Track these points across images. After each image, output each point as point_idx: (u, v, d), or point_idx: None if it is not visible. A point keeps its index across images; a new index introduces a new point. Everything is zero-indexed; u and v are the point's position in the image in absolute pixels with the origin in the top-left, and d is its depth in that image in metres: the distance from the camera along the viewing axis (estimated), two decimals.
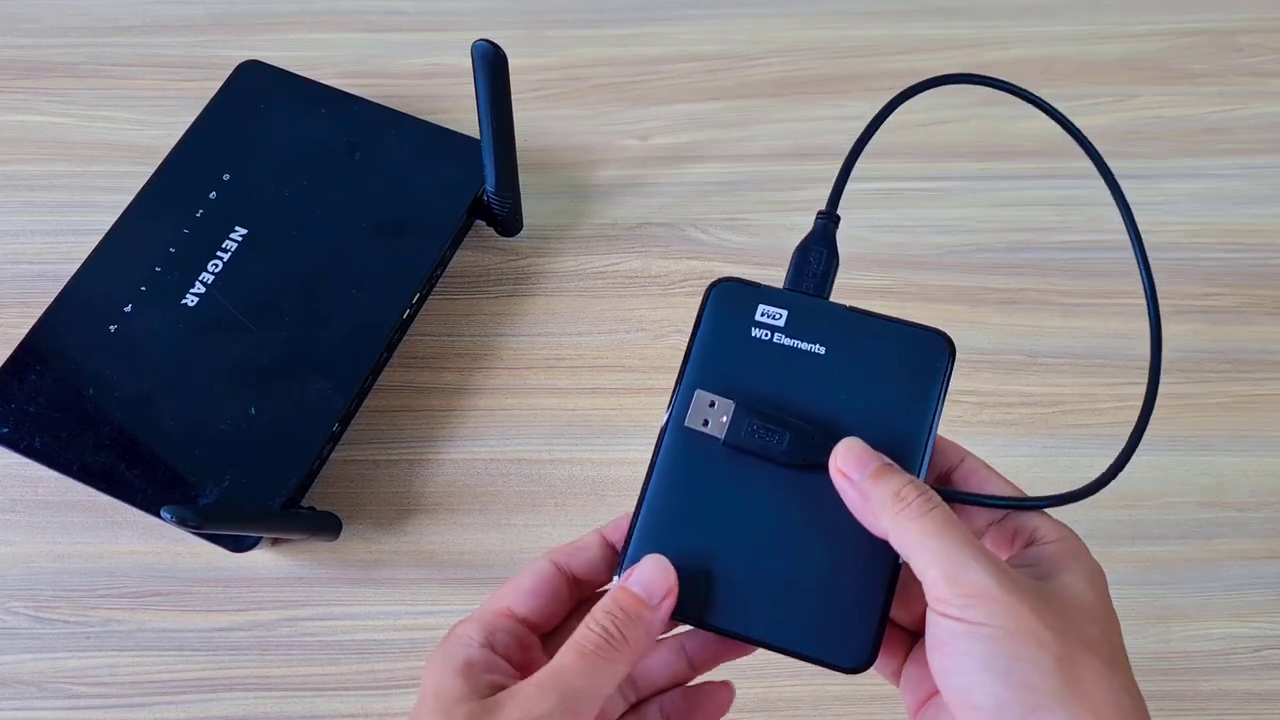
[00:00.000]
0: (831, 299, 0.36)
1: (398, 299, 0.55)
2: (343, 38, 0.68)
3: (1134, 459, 0.53)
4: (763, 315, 0.35)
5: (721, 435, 0.32)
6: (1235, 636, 0.51)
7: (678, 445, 0.34)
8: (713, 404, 0.32)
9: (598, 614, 0.31)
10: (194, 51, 0.67)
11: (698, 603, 0.33)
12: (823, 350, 0.35)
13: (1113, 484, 0.42)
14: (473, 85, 0.49)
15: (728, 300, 0.36)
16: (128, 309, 0.53)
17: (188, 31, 0.68)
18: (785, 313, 0.35)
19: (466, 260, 0.61)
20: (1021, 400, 0.57)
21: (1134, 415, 0.35)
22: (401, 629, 0.51)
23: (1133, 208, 0.39)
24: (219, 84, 0.61)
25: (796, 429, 0.32)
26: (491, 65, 0.47)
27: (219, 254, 0.55)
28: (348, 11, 0.69)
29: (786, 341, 0.35)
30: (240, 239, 0.55)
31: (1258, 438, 0.56)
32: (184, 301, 0.53)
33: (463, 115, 0.63)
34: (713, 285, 0.36)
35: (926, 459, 0.34)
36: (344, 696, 0.50)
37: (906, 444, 0.34)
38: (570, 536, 0.52)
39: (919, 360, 0.35)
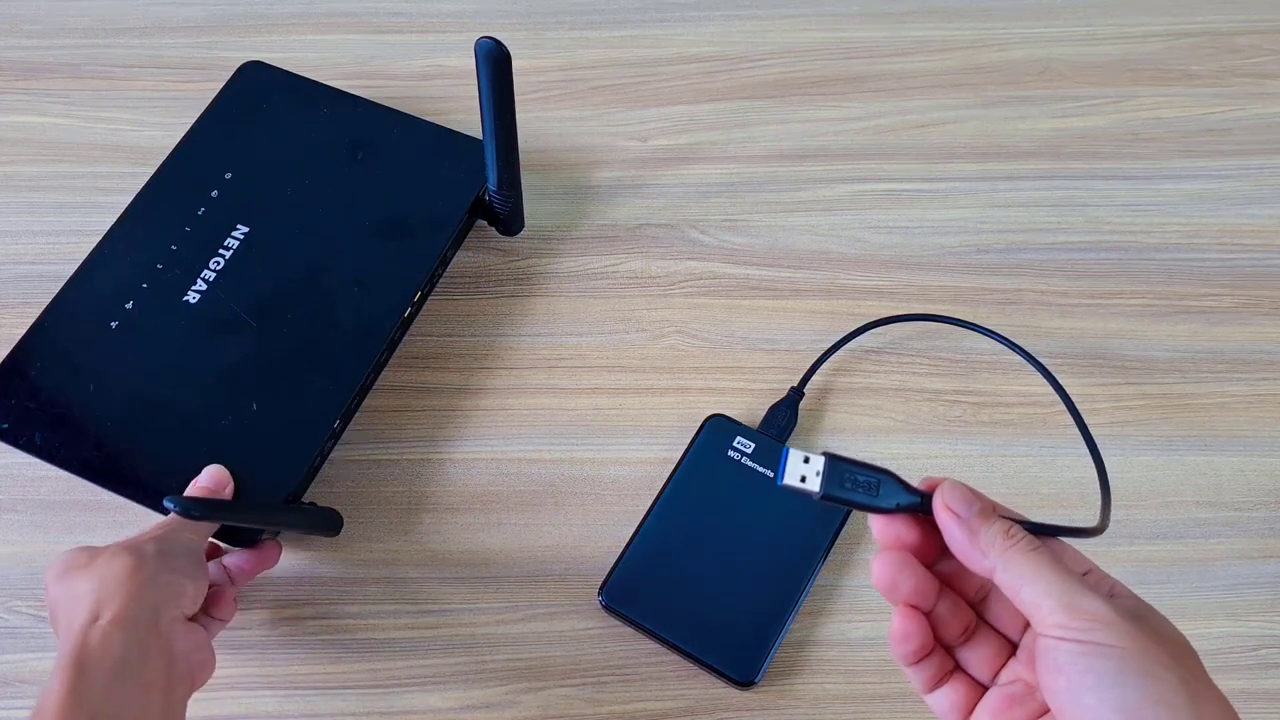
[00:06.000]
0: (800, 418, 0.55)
1: (399, 298, 0.55)
2: (344, 39, 0.69)
3: (1132, 459, 0.53)
4: (738, 443, 0.53)
5: (818, 488, 0.33)
6: (1232, 636, 0.52)
7: (665, 505, 0.52)
8: (806, 459, 0.34)
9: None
10: (195, 52, 0.68)
11: (645, 608, 0.50)
12: (771, 474, 0.52)
13: (1110, 483, 0.42)
14: (474, 85, 0.49)
15: (718, 429, 0.54)
16: (129, 305, 0.53)
17: (189, 33, 0.68)
18: (754, 445, 0.53)
19: (467, 261, 0.61)
20: (1020, 400, 0.57)
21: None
22: (403, 627, 0.51)
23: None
24: (220, 85, 0.61)
25: (886, 475, 0.34)
26: (495, 63, 0.47)
27: (221, 252, 0.55)
28: (349, 13, 0.70)
29: (749, 463, 0.53)
30: (242, 237, 0.55)
31: (1255, 438, 0.56)
32: (186, 298, 0.54)
33: (463, 115, 0.64)
34: (708, 418, 0.54)
35: (816, 574, 0.51)
36: (345, 695, 0.50)
37: (806, 554, 0.51)
38: (570, 536, 0.53)
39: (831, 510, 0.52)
